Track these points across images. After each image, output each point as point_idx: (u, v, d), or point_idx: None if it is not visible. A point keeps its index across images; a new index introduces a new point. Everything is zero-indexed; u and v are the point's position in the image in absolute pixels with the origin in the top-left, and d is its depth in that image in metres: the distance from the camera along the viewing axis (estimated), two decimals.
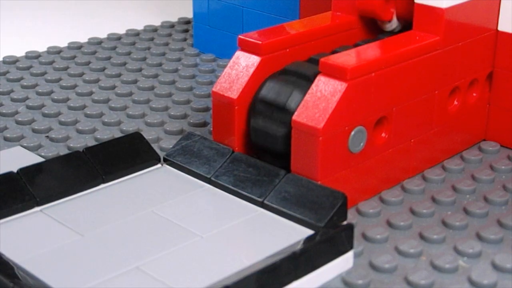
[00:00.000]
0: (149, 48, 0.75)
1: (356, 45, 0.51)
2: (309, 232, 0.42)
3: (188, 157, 0.48)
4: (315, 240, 0.40)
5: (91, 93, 0.64)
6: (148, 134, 0.56)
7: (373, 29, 0.55)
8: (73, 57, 0.73)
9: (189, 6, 0.80)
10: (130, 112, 0.60)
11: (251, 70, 0.48)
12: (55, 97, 0.63)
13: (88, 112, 0.60)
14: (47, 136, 0.57)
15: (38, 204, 0.44)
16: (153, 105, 0.62)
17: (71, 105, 0.62)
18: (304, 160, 0.45)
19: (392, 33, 0.53)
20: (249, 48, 0.49)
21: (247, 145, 0.49)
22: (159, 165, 0.49)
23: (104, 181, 0.47)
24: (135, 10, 0.94)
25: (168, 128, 0.58)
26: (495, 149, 0.55)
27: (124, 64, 0.71)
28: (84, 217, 0.43)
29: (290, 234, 0.41)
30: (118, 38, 0.78)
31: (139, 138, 0.50)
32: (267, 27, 0.51)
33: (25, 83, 0.66)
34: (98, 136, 0.56)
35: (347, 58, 0.46)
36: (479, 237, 0.44)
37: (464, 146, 0.55)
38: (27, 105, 0.62)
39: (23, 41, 0.79)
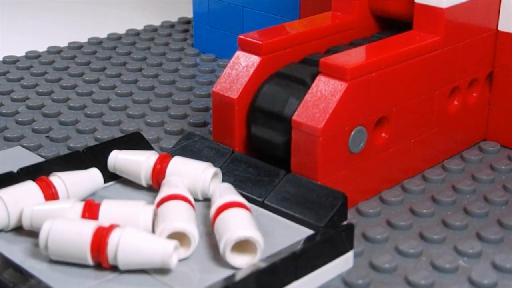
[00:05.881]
0: (149, 48, 0.75)
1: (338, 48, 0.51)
2: (309, 232, 0.41)
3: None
4: (315, 240, 0.40)
5: (91, 93, 0.64)
6: (148, 134, 0.56)
7: (372, 29, 0.55)
8: (73, 57, 0.73)
9: (189, 6, 0.81)
10: (130, 112, 0.60)
11: (251, 70, 0.48)
12: (55, 97, 0.63)
13: (88, 112, 0.60)
14: (47, 136, 0.57)
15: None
16: (153, 105, 0.62)
17: (71, 105, 0.62)
18: (304, 160, 0.45)
19: (390, 33, 0.53)
20: (249, 48, 0.49)
21: (247, 145, 0.49)
22: None
23: (104, 181, 0.46)
24: (135, 10, 0.94)
25: (168, 128, 0.58)
26: (495, 149, 0.55)
27: (124, 64, 0.71)
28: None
29: (290, 234, 0.41)
30: (118, 38, 0.78)
31: (139, 138, 0.50)
32: (267, 27, 0.51)
33: (25, 83, 0.66)
34: (98, 136, 0.56)
35: (347, 58, 0.46)
36: (479, 237, 0.44)
37: (464, 146, 0.55)
38: (27, 105, 0.62)
39: (23, 41, 0.79)
